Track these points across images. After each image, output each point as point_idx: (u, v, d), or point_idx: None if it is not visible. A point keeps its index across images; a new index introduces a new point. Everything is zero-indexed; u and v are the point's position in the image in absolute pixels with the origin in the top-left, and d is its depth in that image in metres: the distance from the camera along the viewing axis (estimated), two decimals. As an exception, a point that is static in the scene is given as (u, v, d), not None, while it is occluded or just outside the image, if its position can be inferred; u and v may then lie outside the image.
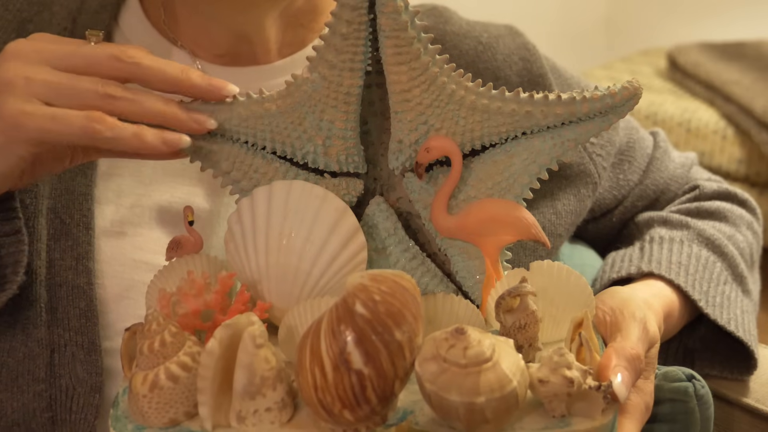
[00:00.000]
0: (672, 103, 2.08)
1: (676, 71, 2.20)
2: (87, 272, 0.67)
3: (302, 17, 0.73)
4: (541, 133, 0.57)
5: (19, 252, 0.64)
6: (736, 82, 2.01)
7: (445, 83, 0.56)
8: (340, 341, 0.46)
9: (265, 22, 0.71)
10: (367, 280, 0.48)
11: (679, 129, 2.01)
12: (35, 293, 0.66)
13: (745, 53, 2.21)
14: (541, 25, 2.32)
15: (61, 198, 0.68)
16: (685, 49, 2.23)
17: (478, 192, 0.58)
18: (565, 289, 0.56)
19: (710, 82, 2.06)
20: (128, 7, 0.74)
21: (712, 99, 2.05)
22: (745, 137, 1.95)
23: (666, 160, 0.84)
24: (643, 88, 0.56)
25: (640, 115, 2.06)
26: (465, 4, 1.14)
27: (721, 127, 1.98)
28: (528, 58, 0.78)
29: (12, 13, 0.72)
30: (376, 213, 0.60)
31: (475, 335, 0.48)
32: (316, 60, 0.56)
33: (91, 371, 0.66)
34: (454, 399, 0.46)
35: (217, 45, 0.72)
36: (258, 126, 0.58)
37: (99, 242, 0.68)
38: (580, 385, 0.49)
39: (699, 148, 1.98)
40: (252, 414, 0.50)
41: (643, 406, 0.57)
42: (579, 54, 2.57)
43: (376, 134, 0.62)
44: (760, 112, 1.88)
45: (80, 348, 0.66)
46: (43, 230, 0.67)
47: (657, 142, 0.85)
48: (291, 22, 0.73)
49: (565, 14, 2.58)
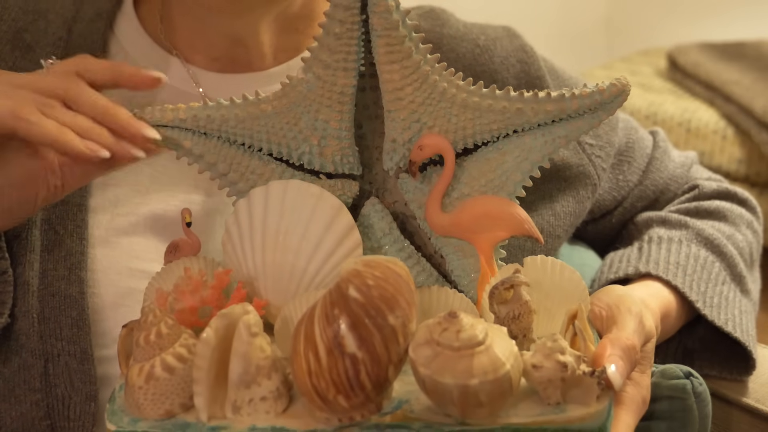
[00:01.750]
0: (672, 103, 2.08)
1: (676, 71, 2.21)
2: (79, 282, 0.67)
3: (298, 22, 0.74)
4: (533, 131, 0.58)
5: (5, 293, 0.65)
6: (736, 82, 2.01)
7: (437, 81, 0.58)
8: (333, 325, 0.47)
9: (260, 27, 0.72)
10: (361, 265, 0.48)
11: (679, 129, 2.01)
12: (27, 304, 0.66)
13: (745, 53, 2.22)
14: (541, 25, 2.33)
15: (56, 209, 0.69)
16: (685, 49, 2.24)
17: (472, 190, 0.59)
18: (559, 284, 0.57)
19: (710, 82, 2.06)
20: (124, 15, 0.76)
21: (712, 99, 2.05)
22: (745, 137, 1.95)
23: (666, 159, 0.85)
24: (630, 85, 0.58)
25: (640, 115, 2.06)
26: (464, 5, 1.15)
27: (721, 127, 1.98)
28: (526, 60, 0.78)
29: (7, 23, 0.73)
30: (371, 213, 0.61)
31: (467, 319, 0.48)
32: (310, 60, 0.58)
33: (85, 380, 0.66)
34: (448, 382, 0.47)
35: (212, 49, 0.73)
36: (254, 127, 0.59)
37: (94, 251, 0.69)
38: (574, 371, 0.49)
39: (699, 148, 1.98)
40: (247, 403, 0.50)
41: (639, 399, 0.57)
42: (579, 54, 2.58)
43: (371, 138, 0.63)
44: (760, 112, 1.89)
45: (73, 357, 0.66)
46: (37, 241, 0.68)
47: (656, 142, 0.85)
48: (286, 27, 0.74)
49: (565, 14, 2.60)
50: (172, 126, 0.59)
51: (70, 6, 0.75)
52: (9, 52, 0.72)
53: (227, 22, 0.71)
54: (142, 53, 0.74)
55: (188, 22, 0.73)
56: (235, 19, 0.71)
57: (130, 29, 0.75)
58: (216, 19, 0.71)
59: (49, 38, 0.73)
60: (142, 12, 0.76)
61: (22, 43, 0.72)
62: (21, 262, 0.67)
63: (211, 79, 0.73)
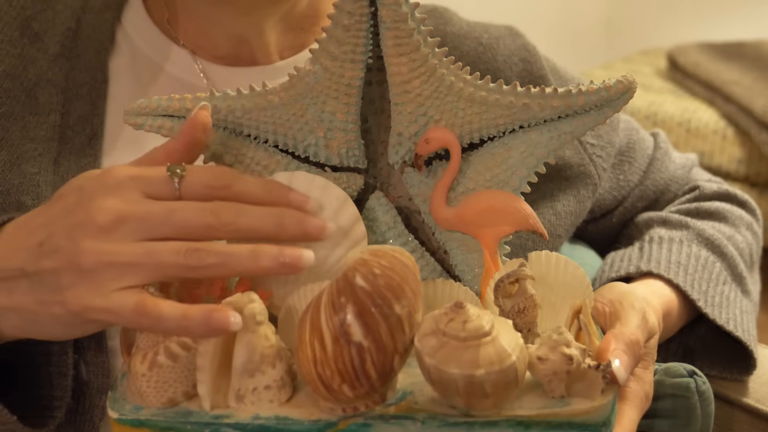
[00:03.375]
0: (672, 103, 2.09)
1: (676, 71, 2.21)
2: None
3: (303, 21, 0.74)
4: (539, 127, 0.58)
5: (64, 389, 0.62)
6: (736, 82, 2.02)
7: (444, 75, 0.58)
8: (340, 313, 0.47)
9: (265, 26, 0.72)
10: (368, 254, 0.48)
11: (679, 129, 2.02)
12: None
13: (745, 53, 2.23)
14: (541, 25, 2.34)
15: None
16: (685, 49, 2.25)
17: (477, 184, 0.59)
18: (563, 279, 0.57)
19: (710, 82, 2.07)
20: (131, 6, 0.76)
21: (712, 99, 2.06)
22: (745, 137, 1.96)
23: (666, 160, 0.85)
24: (637, 82, 0.58)
25: (640, 115, 2.07)
26: (465, 4, 1.15)
27: (721, 127, 1.99)
28: (528, 59, 0.78)
29: (16, 10, 0.73)
30: (375, 207, 0.61)
31: (474, 310, 0.48)
32: (318, 52, 0.58)
33: (98, 372, 0.65)
34: (454, 372, 0.46)
35: (217, 47, 0.73)
36: (261, 118, 0.59)
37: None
38: (579, 364, 0.49)
39: (699, 148, 1.99)
40: (251, 392, 0.50)
41: (643, 395, 0.57)
42: (579, 54, 2.59)
43: (376, 132, 0.63)
44: (760, 112, 1.89)
45: (87, 349, 0.66)
46: None
47: (657, 143, 0.86)
48: (292, 26, 0.74)
49: (565, 14, 2.60)
50: (179, 116, 0.58)
51: None
52: (18, 38, 0.72)
53: (231, 19, 0.71)
54: (149, 44, 0.74)
55: (193, 21, 0.73)
56: (240, 17, 0.71)
57: (138, 20, 0.75)
58: (220, 17, 0.71)
59: (57, 28, 0.73)
60: (150, 6, 0.76)
61: (30, 31, 0.72)
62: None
63: (216, 73, 0.73)
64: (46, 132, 0.70)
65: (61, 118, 0.70)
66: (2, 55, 0.71)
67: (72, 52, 0.72)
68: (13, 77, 0.70)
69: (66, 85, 0.71)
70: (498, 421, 0.49)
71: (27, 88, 0.70)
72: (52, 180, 0.69)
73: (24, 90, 0.70)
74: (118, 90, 0.73)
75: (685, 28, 2.57)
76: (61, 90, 0.71)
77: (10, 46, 0.71)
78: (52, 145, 0.69)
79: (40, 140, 0.69)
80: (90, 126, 0.71)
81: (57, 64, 0.72)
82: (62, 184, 0.69)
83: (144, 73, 0.74)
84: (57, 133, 0.70)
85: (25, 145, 0.69)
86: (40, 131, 0.69)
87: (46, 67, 0.71)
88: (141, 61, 0.74)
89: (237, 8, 0.69)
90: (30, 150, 0.69)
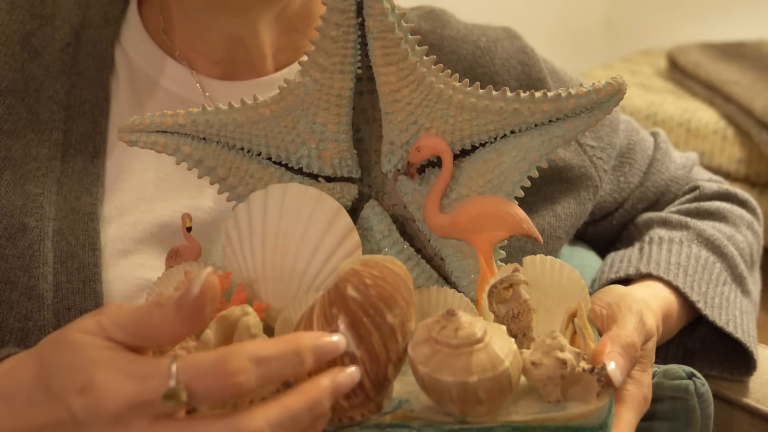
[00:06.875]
0: (672, 103, 2.08)
1: (676, 71, 2.21)
2: (95, 295, 0.66)
3: (297, 22, 0.74)
4: (530, 131, 0.59)
5: None
6: (736, 82, 2.02)
7: (433, 83, 0.58)
8: (332, 325, 0.47)
9: (260, 26, 0.72)
10: (359, 264, 0.49)
11: (679, 129, 2.01)
12: (43, 318, 0.66)
13: (745, 53, 2.23)
14: (541, 25, 2.34)
15: (67, 218, 0.68)
16: (685, 49, 2.24)
17: (470, 191, 0.59)
18: (559, 283, 0.57)
19: (710, 82, 2.07)
20: (128, 20, 0.76)
21: (712, 99, 2.06)
22: (745, 137, 1.96)
23: (667, 161, 0.85)
24: (627, 84, 0.58)
25: (640, 115, 2.07)
26: (463, 5, 1.15)
27: (721, 127, 1.98)
28: (526, 62, 0.78)
29: (16, 23, 0.72)
30: (370, 216, 0.61)
31: (466, 317, 0.48)
32: (307, 64, 0.58)
33: None
34: (447, 379, 0.47)
35: (213, 51, 0.73)
36: (253, 131, 0.59)
37: (104, 262, 0.68)
38: (574, 368, 0.49)
39: (699, 148, 1.98)
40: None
41: (641, 397, 0.56)
42: (579, 54, 2.59)
43: (369, 141, 0.63)
44: (760, 112, 1.89)
45: None
46: (50, 253, 0.67)
47: (658, 143, 0.86)
48: (286, 26, 0.74)
49: (565, 14, 2.61)
50: (172, 131, 0.59)
51: (75, 11, 0.75)
52: (19, 51, 0.72)
53: (226, 22, 0.71)
54: (146, 60, 0.74)
55: (188, 26, 0.73)
56: (234, 18, 0.71)
57: (135, 34, 0.75)
58: (214, 20, 0.71)
59: (56, 44, 0.73)
60: (146, 17, 0.76)
61: (30, 46, 0.71)
62: (35, 275, 0.65)
63: (214, 87, 0.74)
64: (48, 150, 0.69)
65: (63, 135, 0.70)
66: (4, 71, 0.71)
67: (73, 69, 0.72)
68: (15, 93, 0.70)
69: (68, 102, 0.71)
70: (494, 427, 0.49)
71: (28, 105, 0.70)
72: (56, 200, 0.69)
73: (26, 106, 0.70)
74: (118, 107, 0.73)
75: (685, 28, 2.57)
76: (63, 107, 0.71)
77: (12, 60, 0.71)
78: (54, 164, 0.69)
79: (42, 159, 0.69)
80: (93, 144, 0.70)
81: (58, 81, 0.71)
82: (65, 204, 0.69)
83: (142, 90, 0.74)
84: (59, 152, 0.70)
85: (28, 164, 0.69)
86: (42, 149, 0.69)
87: (47, 83, 0.71)
88: (139, 78, 0.74)
89: (231, 10, 0.70)
90: (33, 169, 0.68)
